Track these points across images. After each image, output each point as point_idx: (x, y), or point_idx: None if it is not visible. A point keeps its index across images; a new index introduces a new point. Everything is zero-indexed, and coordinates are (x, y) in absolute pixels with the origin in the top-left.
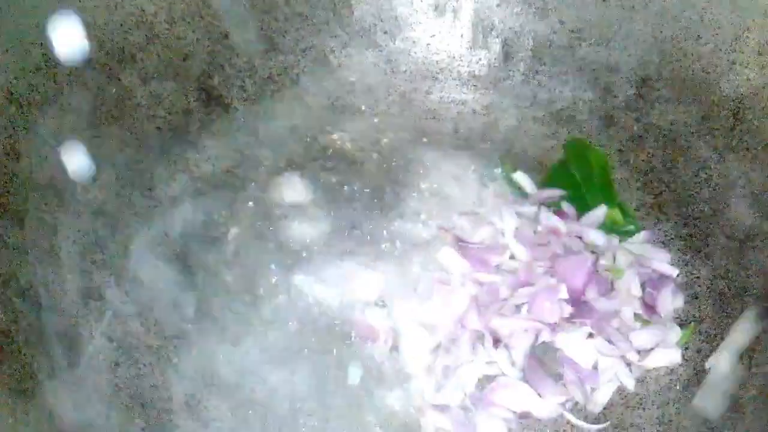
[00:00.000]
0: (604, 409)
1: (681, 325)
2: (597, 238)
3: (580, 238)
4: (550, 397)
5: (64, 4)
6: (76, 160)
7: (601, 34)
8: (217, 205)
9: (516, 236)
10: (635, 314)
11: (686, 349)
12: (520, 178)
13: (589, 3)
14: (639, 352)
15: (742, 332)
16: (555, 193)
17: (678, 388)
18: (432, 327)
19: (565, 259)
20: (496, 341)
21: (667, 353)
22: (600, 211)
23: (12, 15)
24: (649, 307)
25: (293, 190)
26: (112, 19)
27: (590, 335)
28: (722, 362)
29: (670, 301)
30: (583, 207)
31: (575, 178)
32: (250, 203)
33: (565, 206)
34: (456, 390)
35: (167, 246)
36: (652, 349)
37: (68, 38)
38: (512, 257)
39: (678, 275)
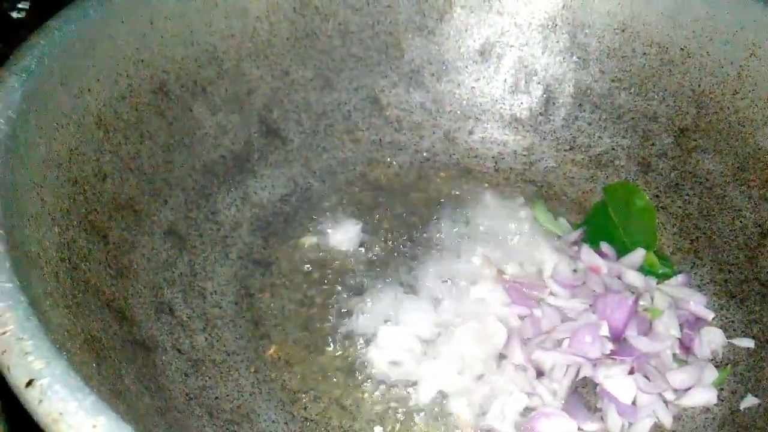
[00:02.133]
0: None
1: (717, 367)
2: (636, 279)
3: (619, 278)
4: (589, 428)
5: (146, 39)
6: None
7: (641, 85)
8: (272, 230)
9: (555, 273)
10: (673, 354)
11: (722, 389)
12: (556, 220)
13: (629, 55)
14: (676, 390)
15: None
16: (580, 233)
17: (714, 426)
18: (473, 358)
19: (607, 297)
20: (539, 373)
21: (703, 393)
22: (638, 254)
23: (104, 49)
24: (686, 348)
25: (349, 236)
26: (188, 55)
27: (630, 371)
28: None
29: (707, 343)
30: (620, 249)
31: (613, 220)
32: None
33: (604, 247)
34: (501, 416)
35: (228, 267)
36: (688, 388)
37: None
38: (553, 293)
39: (713, 318)
